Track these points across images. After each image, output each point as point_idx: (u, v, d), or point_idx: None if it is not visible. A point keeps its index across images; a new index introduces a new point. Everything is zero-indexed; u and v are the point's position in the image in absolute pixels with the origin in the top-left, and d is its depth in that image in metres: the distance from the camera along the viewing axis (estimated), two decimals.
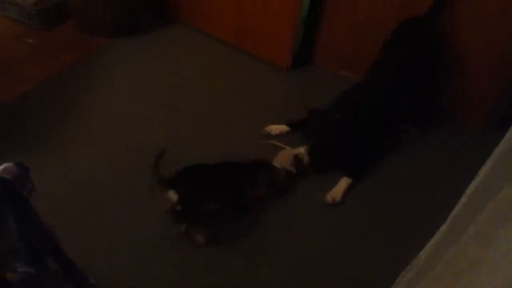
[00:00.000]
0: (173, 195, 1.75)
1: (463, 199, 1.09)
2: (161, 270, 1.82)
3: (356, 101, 2.32)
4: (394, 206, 2.17)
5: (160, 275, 1.80)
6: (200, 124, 2.52)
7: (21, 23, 3.14)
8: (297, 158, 2.13)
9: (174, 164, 1.82)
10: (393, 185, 2.26)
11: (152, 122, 2.50)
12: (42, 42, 3.03)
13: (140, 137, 2.38)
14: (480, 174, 1.03)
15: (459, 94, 2.60)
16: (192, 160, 1.90)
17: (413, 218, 2.09)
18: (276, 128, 2.43)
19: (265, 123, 2.47)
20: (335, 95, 2.36)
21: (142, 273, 1.80)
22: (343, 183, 2.17)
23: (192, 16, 3.23)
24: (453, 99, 2.63)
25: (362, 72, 2.50)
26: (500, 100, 2.49)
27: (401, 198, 2.21)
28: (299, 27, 2.83)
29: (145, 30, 3.21)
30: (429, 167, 2.38)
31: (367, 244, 2.00)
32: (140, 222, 1.98)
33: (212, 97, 2.72)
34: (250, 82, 2.86)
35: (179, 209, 1.75)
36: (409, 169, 2.36)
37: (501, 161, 0.97)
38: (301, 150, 2.16)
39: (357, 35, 2.73)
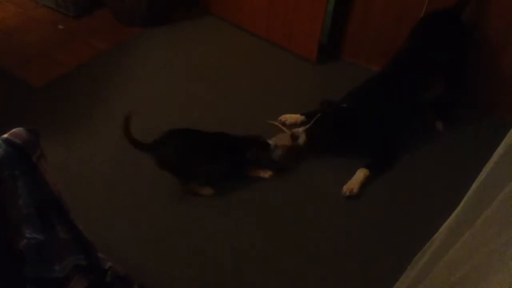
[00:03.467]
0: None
1: (476, 184, 1.04)
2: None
3: (370, 92, 2.26)
4: (414, 202, 2.10)
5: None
6: (224, 109, 2.54)
7: (56, 10, 3.24)
8: (293, 136, 2.17)
9: None
10: (413, 181, 2.19)
11: (182, 107, 2.55)
12: (76, 29, 3.13)
13: (171, 120, 2.39)
14: (494, 157, 0.99)
15: (495, 86, 2.49)
16: None
17: (433, 215, 2.01)
18: (291, 117, 2.42)
19: (287, 112, 2.46)
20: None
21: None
22: (361, 174, 2.12)
23: (224, 7, 3.25)
24: (489, 92, 2.53)
25: None
26: None
27: (421, 194, 2.13)
28: (327, 20, 2.79)
29: (178, 20, 3.26)
30: (455, 161, 2.29)
31: (382, 238, 1.95)
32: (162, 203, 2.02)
33: (239, 85, 2.73)
34: (277, 74, 2.86)
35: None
36: (432, 162, 2.29)
37: None
38: (299, 129, 2.19)
39: (388, 28, 2.66)
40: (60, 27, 3.11)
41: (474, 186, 1.08)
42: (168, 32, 3.17)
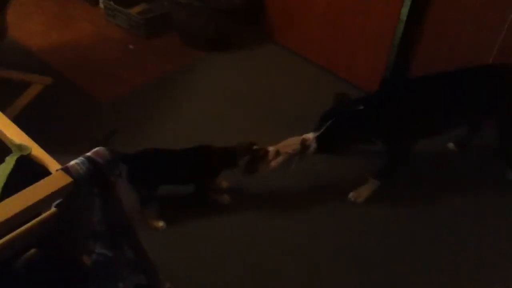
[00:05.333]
0: None
1: None
2: None
3: (391, 98, 2.11)
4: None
5: None
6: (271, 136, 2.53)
7: (127, 31, 3.39)
8: (303, 144, 1.96)
9: None
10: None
11: (234, 128, 2.60)
12: (144, 49, 3.26)
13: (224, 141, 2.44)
14: None
15: None
16: None
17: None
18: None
19: None
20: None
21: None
22: (371, 185, 2.17)
23: (285, 35, 3.30)
24: None
25: None
26: None
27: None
28: (391, 56, 2.76)
29: (240, 47, 3.33)
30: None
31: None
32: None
33: (293, 111, 2.75)
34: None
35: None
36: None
37: None
38: (310, 135, 1.97)
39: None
40: (131, 46, 3.24)
41: None
42: (230, 57, 3.24)
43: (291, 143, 1.98)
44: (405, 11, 2.51)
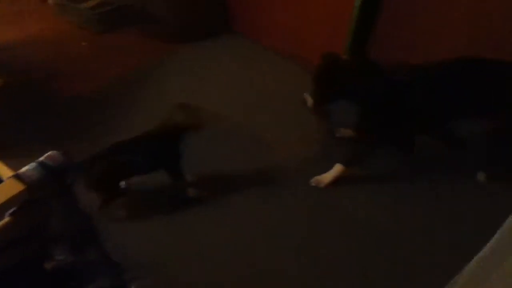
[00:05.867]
0: None
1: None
2: None
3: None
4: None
5: None
6: (243, 131, 2.54)
7: (80, 26, 3.29)
8: (303, 99, 2.19)
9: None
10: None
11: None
12: (101, 45, 3.17)
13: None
14: None
15: None
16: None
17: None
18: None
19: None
20: None
21: None
22: (335, 170, 2.18)
23: (249, 26, 3.28)
24: None
25: None
26: None
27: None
28: (348, 38, 2.79)
29: (203, 38, 3.28)
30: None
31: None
32: None
33: (261, 100, 2.75)
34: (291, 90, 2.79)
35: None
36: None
37: None
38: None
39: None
40: (83, 43, 3.15)
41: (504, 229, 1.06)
42: (195, 49, 3.19)
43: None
44: None
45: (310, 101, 2.18)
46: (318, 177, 2.21)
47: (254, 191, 2.17)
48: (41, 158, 1.08)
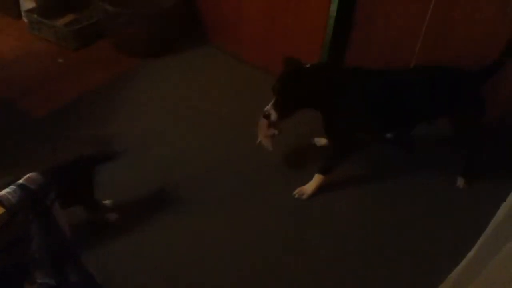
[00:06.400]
0: None
1: (493, 223, 1.04)
2: None
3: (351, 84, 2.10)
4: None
5: None
6: (220, 145, 2.54)
7: (55, 43, 3.24)
8: (264, 115, 2.04)
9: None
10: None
11: (177, 141, 2.54)
12: (76, 61, 3.12)
13: (165, 155, 2.42)
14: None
15: None
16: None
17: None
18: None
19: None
20: None
21: None
22: (315, 181, 2.21)
23: (224, 39, 3.29)
24: None
25: None
26: None
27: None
28: (325, 49, 2.82)
29: (177, 51, 3.27)
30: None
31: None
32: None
33: (237, 117, 2.73)
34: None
35: None
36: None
37: None
38: (268, 106, 2.04)
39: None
40: (60, 60, 3.10)
41: (492, 226, 1.09)
42: (167, 63, 3.17)
43: (261, 124, 2.15)
44: (334, 7, 2.59)
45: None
46: (301, 188, 2.22)
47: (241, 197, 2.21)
48: (20, 181, 1.06)
